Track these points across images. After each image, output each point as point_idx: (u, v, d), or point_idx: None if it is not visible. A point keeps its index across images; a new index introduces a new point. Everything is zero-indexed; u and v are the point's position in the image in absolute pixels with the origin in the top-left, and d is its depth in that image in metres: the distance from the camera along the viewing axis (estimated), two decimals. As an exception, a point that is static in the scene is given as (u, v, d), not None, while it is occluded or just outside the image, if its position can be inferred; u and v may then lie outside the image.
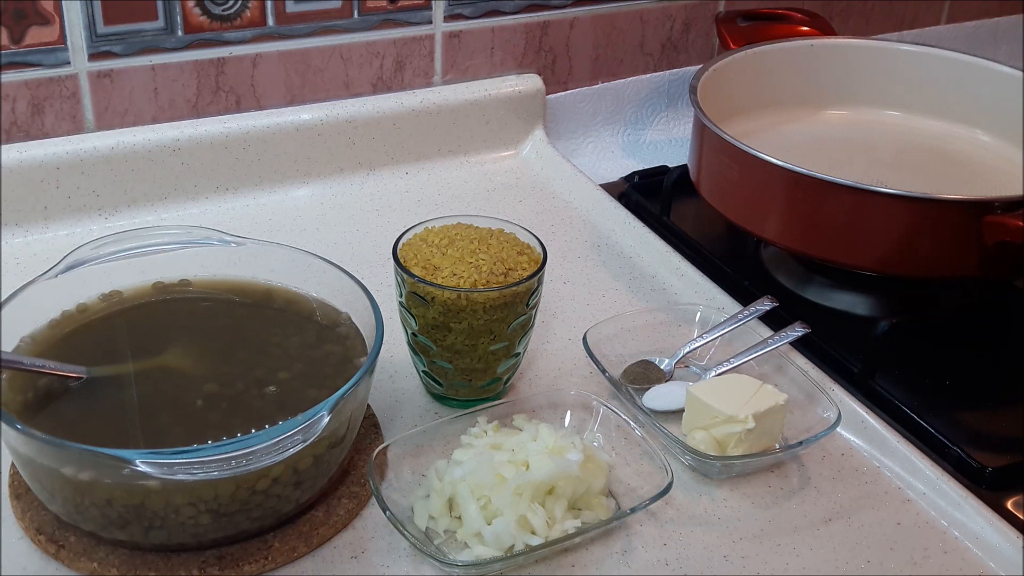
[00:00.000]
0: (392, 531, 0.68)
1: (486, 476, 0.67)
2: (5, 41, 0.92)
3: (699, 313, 0.87)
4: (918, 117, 1.12)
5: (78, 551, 0.65)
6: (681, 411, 0.77)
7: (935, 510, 0.73)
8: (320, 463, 0.65)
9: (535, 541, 0.65)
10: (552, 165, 1.12)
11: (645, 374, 0.82)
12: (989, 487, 0.75)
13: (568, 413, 0.76)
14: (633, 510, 0.68)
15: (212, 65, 1.00)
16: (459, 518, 0.67)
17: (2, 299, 0.70)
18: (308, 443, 0.61)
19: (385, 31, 1.06)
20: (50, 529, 0.66)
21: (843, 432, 0.79)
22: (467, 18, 1.10)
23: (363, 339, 0.72)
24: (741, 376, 0.77)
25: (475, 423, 0.73)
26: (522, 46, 1.14)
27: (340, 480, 0.70)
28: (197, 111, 1.01)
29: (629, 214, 1.03)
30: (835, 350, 0.86)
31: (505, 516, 0.65)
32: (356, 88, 1.07)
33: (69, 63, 0.95)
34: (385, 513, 0.66)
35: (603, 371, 0.80)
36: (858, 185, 0.84)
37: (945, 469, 0.75)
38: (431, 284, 0.72)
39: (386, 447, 0.71)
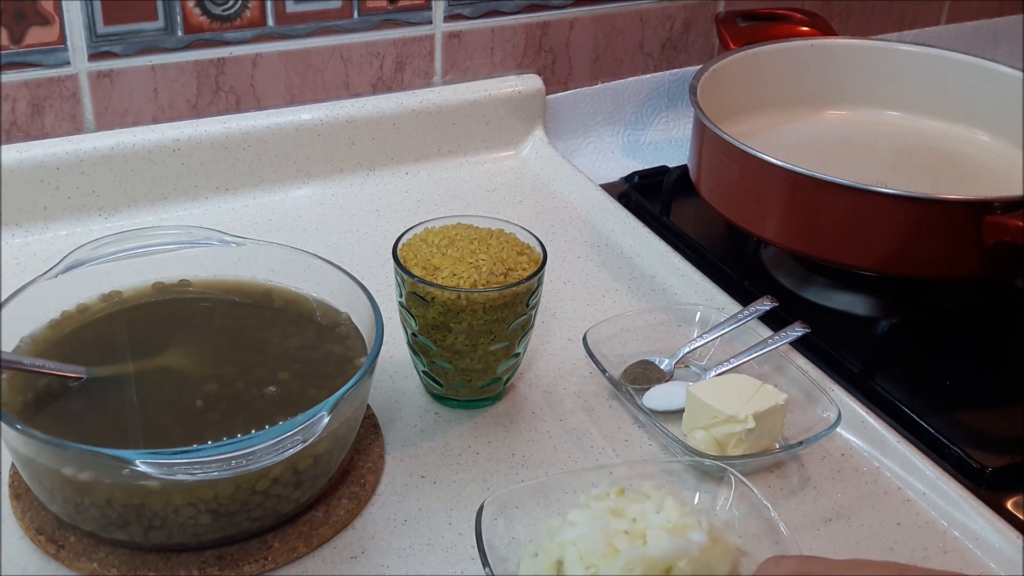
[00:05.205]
0: (392, 531, 0.68)
1: (598, 543, 0.60)
2: (5, 41, 0.92)
3: (699, 313, 0.87)
4: (918, 117, 1.12)
5: (78, 551, 0.65)
6: (681, 411, 0.77)
7: (935, 510, 0.73)
8: (320, 463, 0.65)
9: None
10: (552, 165, 1.12)
11: (645, 374, 0.82)
12: (989, 487, 0.75)
13: (698, 487, 0.70)
14: None
15: (212, 65, 1.00)
16: None
17: (2, 299, 0.70)
18: (308, 443, 0.61)
19: (385, 31, 1.06)
20: (50, 529, 0.66)
21: (843, 432, 0.79)
22: (467, 18, 1.10)
23: (363, 339, 0.72)
24: (741, 376, 0.77)
25: (596, 483, 0.67)
26: (522, 46, 1.14)
27: (340, 480, 0.70)
28: (197, 111, 1.01)
29: (629, 214, 1.03)
30: (835, 350, 0.86)
31: None
32: (356, 88, 1.07)
33: (69, 63, 0.95)
34: (485, 569, 0.60)
35: (603, 371, 0.80)
36: (858, 185, 0.84)
37: (945, 469, 0.75)
38: (431, 284, 0.72)
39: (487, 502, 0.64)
